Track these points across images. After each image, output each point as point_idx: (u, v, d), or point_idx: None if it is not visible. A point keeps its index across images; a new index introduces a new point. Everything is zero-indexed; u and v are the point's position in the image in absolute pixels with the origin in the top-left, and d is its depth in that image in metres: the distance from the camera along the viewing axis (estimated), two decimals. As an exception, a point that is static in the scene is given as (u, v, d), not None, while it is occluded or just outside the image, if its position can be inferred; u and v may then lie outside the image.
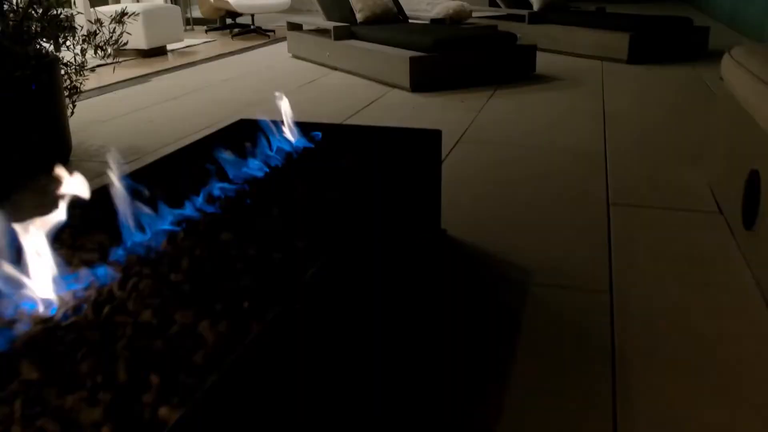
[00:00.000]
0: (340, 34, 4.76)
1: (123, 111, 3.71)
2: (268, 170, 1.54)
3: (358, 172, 1.59)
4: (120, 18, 2.82)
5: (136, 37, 5.60)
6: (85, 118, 3.53)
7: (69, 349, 0.86)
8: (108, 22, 2.88)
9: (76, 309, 0.96)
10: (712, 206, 2.15)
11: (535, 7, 5.91)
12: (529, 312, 1.54)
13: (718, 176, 2.22)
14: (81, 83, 2.92)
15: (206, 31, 7.61)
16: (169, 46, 6.36)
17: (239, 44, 6.63)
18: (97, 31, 2.80)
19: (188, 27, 8.17)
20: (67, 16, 2.70)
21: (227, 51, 6.16)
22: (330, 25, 4.83)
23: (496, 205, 2.20)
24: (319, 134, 1.82)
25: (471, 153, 2.76)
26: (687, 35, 5.19)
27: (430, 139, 1.85)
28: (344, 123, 3.27)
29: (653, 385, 1.27)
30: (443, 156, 2.68)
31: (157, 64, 5.47)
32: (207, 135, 1.84)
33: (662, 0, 10.45)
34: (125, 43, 2.88)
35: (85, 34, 2.81)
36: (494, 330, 1.48)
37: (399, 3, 5.35)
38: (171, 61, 5.67)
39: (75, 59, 2.85)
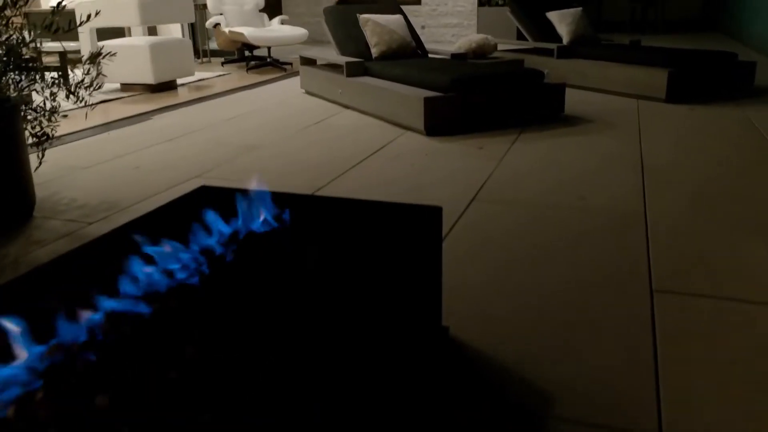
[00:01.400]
0: (353, 71, 4.44)
1: (111, 155, 3.42)
2: (203, 272, 1.18)
3: (325, 273, 1.22)
4: (93, 59, 2.52)
5: (143, 71, 5.38)
6: (65, 163, 3.24)
7: None
8: (83, 63, 2.58)
9: None
10: (784, 297, 1.73)
11: (565, 40, 5.54)
12: (550, 468, 1.14)
13: (788, 257, 1.80)
14: (53, 129, 2.62)
15: (222, 64, 7.39)
16: (181, 80, 6.13)
17: (253, 78, 6.37)
18: (68, 73, 2.50)
19: (205, 59, 7.99)
20: (32, 56, 2.41)
21: (240, 85, 5.90)
22: (343, 60, 4.51)
23: (512, 289, 1.81)
24: (287, 213, 1.45)
25: (487, 216, 2.37)
26: (731, 71, 4.76)
27: (428, 218, 1.48)
28: (341, 176, 2.91)
29: None
30: (454, 220, 2.31)
31: (164, 99, 5.22)
32: (149, 212, 1.48)
33: (699, 31, 10.01)
34: (99, 86, 2.57)
35: (55, 76, 2.52)
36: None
37: (418, 36, 5.03)
38: (180, 96, 5.42)
39: (45, 103, 2.55)
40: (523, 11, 5.86)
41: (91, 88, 2.58)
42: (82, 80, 2.53)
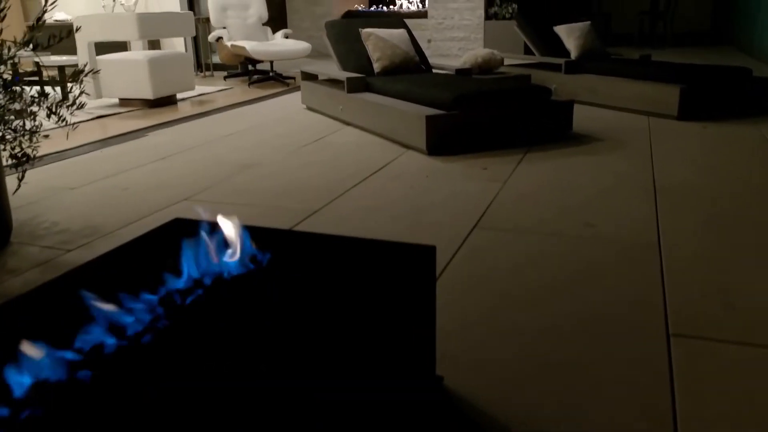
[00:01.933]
0: (354, 86, 4.32)
1: (101, 174, 3.30)
2: (160, 327, 1.03)
3: (305, 319, 1.08)
4: (75, 77, 2.40)
5: (141, 86, 5.28)
6: (52, 184, 3.12)
7: None
8: (68, 80, 2.46)
9: None
10: (815, 342, 1.57)
11: (573, 55, 5.40)
12: None
13: (819, 297, 1.64)
14: (33, 150, 2.50)
15: (225, 78, 7.30)
16: (181, 95, 6.03)
17: (255, 93, 6.27)
18: (46, 92, 2.38)
19: (207, 73, 7.90)
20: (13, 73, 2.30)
21: (240, 100, 5.79)
22: (344, 75, 4.39)
23: (514, 330, 1.66)
24: (265, 256, 1.31)
25: (489, 245, 2.22)
26: (745, 87, 4.60)
27: (420, 259, 1.33)
28: (337, 198, 2.77)
29: None
30: (454, 250, 2.16)
31: (162, 115, 5.11)
32: (112, 250, 1.34)
33: (709, 45, 9.85)
34: (82, 106, 2.45)
35: (34, 95, 2.39)
36: None
37: (421, 51, 4.91)
38: (179, 111, 5.31)
39: (24, 124, 2.43)
40: (530, 25, 5.73)
41: (73, 107, 2.45)
42: (63, 99, 2.41)
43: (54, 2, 2.20)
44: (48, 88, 3.68)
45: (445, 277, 1.96)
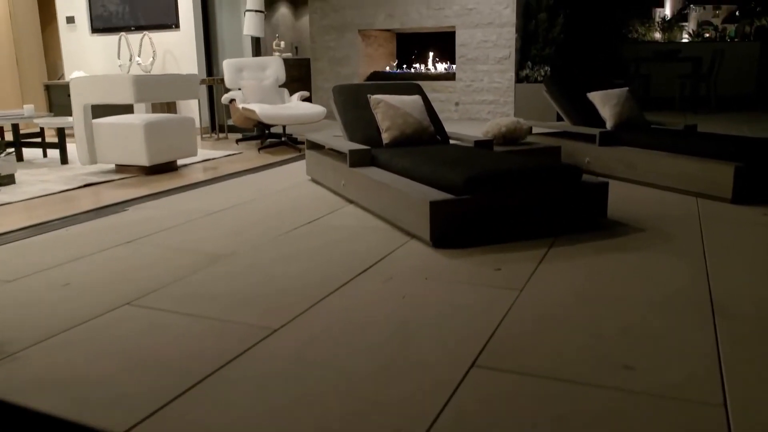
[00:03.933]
0: (357, 160, 3.83)
1: (49, 262, 2.83)
2: None
3: None
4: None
5: (137, 152, 4.92)
6: (-16, 277, 2.66)
7: None
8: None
9: None
10: None
11: (609, 124, 4.86)
12: None
13: None
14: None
15: (237, 141, 6.94)
16: (185, 161, 5.66)
17: (263, 159, 5.86)
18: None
19: (222, 135, 7.58)
20: None
21: (245, 168, 5.38)
22: (347, 147, 3.91)
23: None
24: None
25: (485, 401, 1.64)
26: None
27: None
28: (309, 309, 2.22)
29: None
30: (435, 413, 1.58)
31: (157, 184, 4.71)
32: None
33: (755, 109, 9.19)
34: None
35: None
36: None
37: (438, 120, 4.42)
38: (177, 179, 4.91)
39: None
40: (560, 91, 5.23)
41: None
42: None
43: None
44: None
45: (420, 459, 1.39)
